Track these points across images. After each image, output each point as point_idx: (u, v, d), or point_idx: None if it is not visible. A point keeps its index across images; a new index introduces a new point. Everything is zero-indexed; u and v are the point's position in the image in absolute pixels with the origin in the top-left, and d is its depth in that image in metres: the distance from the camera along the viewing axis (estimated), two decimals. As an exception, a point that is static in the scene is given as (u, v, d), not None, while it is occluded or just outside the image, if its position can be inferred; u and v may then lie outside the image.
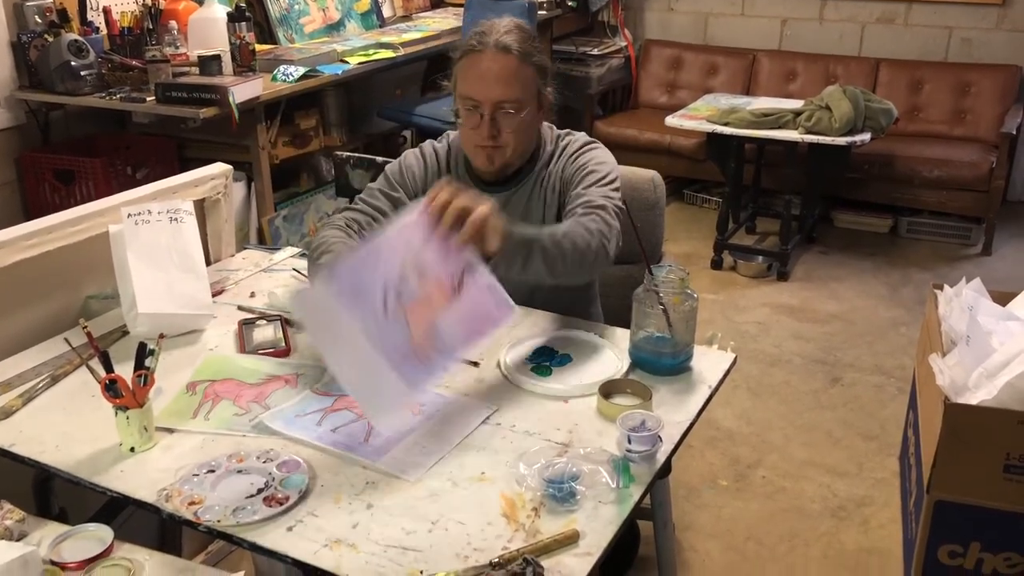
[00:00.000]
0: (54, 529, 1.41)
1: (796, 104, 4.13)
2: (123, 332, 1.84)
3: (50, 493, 1.68)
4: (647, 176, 2.17)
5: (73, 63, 3.22)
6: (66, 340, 1.62)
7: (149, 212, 1.86)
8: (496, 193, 1.93)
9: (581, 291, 2.02)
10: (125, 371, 1.46)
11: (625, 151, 4.67)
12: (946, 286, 2.47)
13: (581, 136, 1.98)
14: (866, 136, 3.88)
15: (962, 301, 2.32)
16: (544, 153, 1.94)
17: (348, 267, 1.42)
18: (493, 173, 1.91)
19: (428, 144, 2.01)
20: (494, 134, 1.81)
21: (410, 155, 2.01)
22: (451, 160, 1.98)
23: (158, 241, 1.85)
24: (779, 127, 3.95)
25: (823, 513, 2.56)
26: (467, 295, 1.46)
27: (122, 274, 1.82)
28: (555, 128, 1.99)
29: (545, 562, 1.19)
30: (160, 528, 1.98)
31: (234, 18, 3.39)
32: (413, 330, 1.40)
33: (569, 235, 1.66)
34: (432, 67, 4.49)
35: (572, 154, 1.92)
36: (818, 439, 2.92)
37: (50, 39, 3.27)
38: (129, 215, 1.83)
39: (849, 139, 3.84)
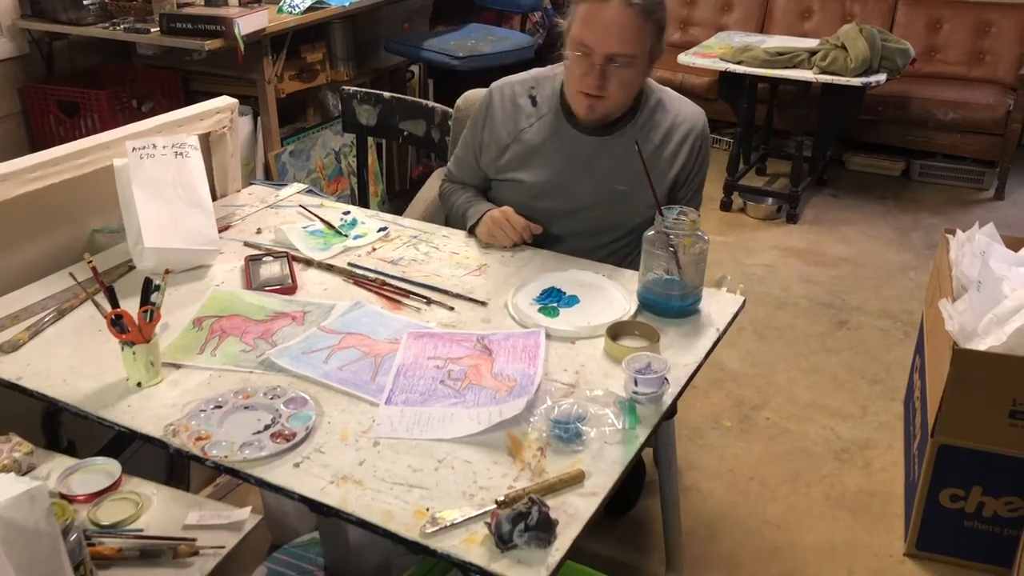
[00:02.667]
0: (63, 462, 1.43)
1: (811, 43, 4.05)
2: (129, 267, 1.84)
3: (59, 426, 1.70)
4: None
5: (75, -9, 3.17)
6: (71, 275, 1.62)
7: (154, 146, 1.84)
8: (593, 137, 1.91)
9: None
10: (131, 306, 1.45)
11: (636, 89, 4.61)
12: (958, 231, 2.44)
13: (700, 114, 1.96)
14: (881, 77, 3.81)
15: (975, 246, 2.29)
16: (648, 103, 1.92)
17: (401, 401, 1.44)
18: (591, 122, 1.88)
19: (536, 83, 1.98)
20: (600, 85, 1.79)
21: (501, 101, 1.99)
22: (549, 101, 1.94)
23: (163, 175, 1.83)
24: (793, 66, 3.88)
25: (826, 455, 2.58)
26: (497, 346, 1.55)
27: (127, 208, 1.80)
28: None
29: (551, 501, 1.20)
30: (168, 462, 2.00)
31: (239, -53, 3.33)
32: (484, 384, 1.46)
33: None
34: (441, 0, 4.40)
35: (704, 141, 1.96)
36: (823, 382, 2.92)
37: (52, -34, 3.21)
38: (134, 149, 1.81)
39: (864, 79, 3.76)
